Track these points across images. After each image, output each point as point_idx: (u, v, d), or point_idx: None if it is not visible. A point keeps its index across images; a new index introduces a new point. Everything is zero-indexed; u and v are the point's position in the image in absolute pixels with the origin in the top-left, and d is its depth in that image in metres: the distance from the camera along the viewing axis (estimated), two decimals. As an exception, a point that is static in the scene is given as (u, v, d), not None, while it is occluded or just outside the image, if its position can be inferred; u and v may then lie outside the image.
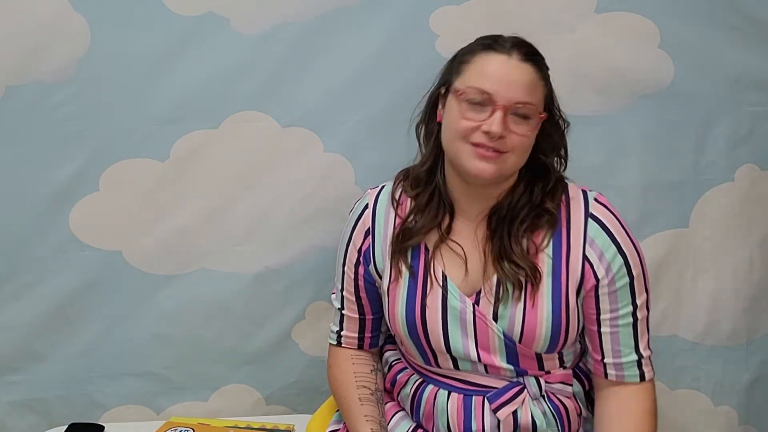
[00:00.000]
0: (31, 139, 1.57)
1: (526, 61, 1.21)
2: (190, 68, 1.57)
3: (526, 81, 1.20)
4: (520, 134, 1.20)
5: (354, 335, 1.42)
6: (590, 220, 1.25)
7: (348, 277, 1.39)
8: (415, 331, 1.29)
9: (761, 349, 1.77)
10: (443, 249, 1.29)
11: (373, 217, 1.36)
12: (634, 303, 1.25)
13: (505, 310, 1.24)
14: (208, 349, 1.70)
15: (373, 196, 1.39)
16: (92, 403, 1.71)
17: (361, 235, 1.37)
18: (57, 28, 1.53)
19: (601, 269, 1.23)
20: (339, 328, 1.43)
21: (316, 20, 1.57)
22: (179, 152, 1.60)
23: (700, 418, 1.79)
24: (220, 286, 1.67)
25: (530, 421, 1.27)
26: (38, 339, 1.66)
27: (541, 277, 1.23)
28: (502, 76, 1.18)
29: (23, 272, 1.63)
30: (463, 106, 1.20)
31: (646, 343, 1.27)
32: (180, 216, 1.64)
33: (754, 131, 1.68)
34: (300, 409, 1.73)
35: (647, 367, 1.27)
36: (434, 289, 1.28)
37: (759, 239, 1.72)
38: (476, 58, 1.23)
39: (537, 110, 1.21)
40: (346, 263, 1.39)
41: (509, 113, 1.18)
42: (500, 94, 1.18)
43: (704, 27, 1.61)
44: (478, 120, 1.19)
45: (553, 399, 1.30)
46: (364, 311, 1.40)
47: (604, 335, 1.26)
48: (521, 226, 1.25)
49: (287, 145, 1.62)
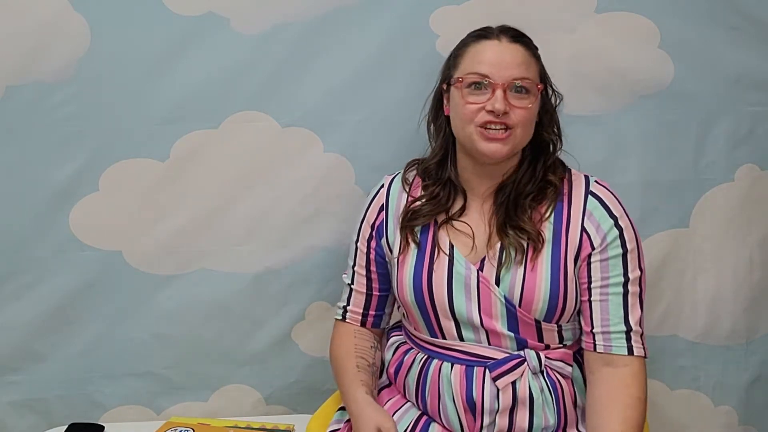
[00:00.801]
0: (31, 139, 1.57)
1: (515, 42, 1.32)
2: (190, 68, 1.57)
3: (519, 59, 1.30)
4: (522, 107, 1.29)
5: (359, 311, 1.47)
6: (590, 197, 1.33)
7: (360, 252, 1.45)
8: (421, 296, 1.35)
9: (761, 348, 1.78)
10: (449, 227, 1.38)
11: (387, 194, 1.45)
12: (626, 275, 1.30)
13: (507, 274, 1.30)
14: (208, 349, 1.70)
15: (389, 179, 1.48)
16: (92, 403, 1.71)
17: (375, 211, 1.45)
18: (57, 28, 1.53)
19: (597, 238, 1.30)
20: (346, 303, 1.48)
21: (316, 20, 1.57)
22: (179, 152, 1.60)
23: (700, 417, 1.79)
24: (220, 286, 1.67)
25: (528, 394, 1.31)
26: (38, 339, 1.66)
27: (543, 242, 1.31)
28: (495, 58, 1.29)
29: (23, 272, 1.63)
30: (464, 92, 1.30)
31: (638, 319, 1.30)
32: (180, 216, 1.64)
33: (754, 131, 1.68)
34: (300, 409, 1.73)
35: (637, 343, 1.29)
36: (441, 258, 1.35)
37: (759, 239, 1.73)
38: (469, 48, 1.34)
39: (534, 83, 1.31)
40: (359, 239, 1.45)
41: (509, 90, 1.28)
42: (497, 74, 1.28)
43: (704, 27, 1.61)
44: (481, 101, 1.29)
45: (552, 376, 1.33)
46: (372, 286, 1.46)
47: (593, 304, 1.30)
48: (527, 198, 1.33)
49: (287, 145, 1.62)
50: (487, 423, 1.31)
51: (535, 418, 1.31)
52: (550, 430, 1.33)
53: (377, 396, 1.45)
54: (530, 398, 1.31)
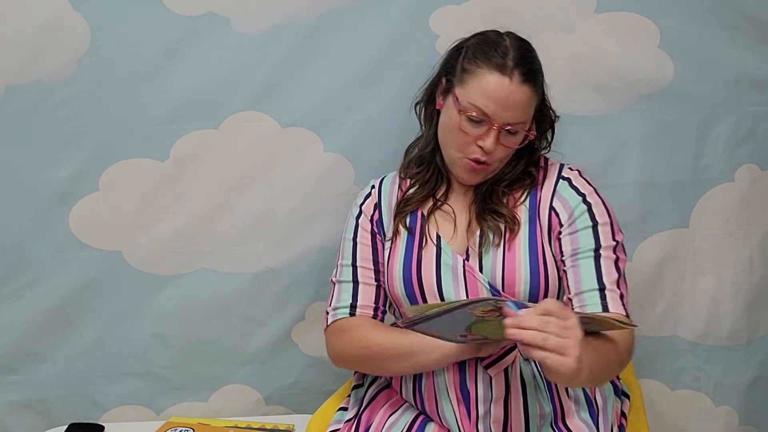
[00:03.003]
0: (31, 139, 1.57)
1: (526, 82, 1.28)
2: (190, 68, 1.57)
3: (523, 102, 1.29)
4: (507, 146, 1.32)
5: (371, 305, 1.41)
6: (561, 180, 1.37)
7: (363, 246, 1.42)
8: (411, 285, 1.35)
9: (761, 348, 1.78)
10: (437, 213, 1.40)
11: (379, 194, 1.46)
12: (597, 243, 1.30)
13: (487, 259, 1.33)
14: (208, 349, 1.70)
15: (377, 180, 1.49)
16: (92, 403, 1.71)
17: (371, 208, 1.45)
18: (57, 28, 1.53)
19: (565, 214, 1.33)
20: (353, 300, 1.40)
21: (315, 20, 1.57)
22: (179, 152, 1.60)
23: (700, 418, 1.79)
24: (220, 286, 1.67)
25: (520, 380, 1.31)
26: (38, 339, 1.66)
27: (519, 224, 1.34)
28: (502, 99, 1.27)
29: (23, 272, 1.63)
30: (462, 118, 1.30)
31: (614, 280, 1.28)
32: (180, 216, 1.64)
33: (754, 131, 1.68)
34: (300, 409, 1.73)
35: (613, 302, 1.26)
36: (429, 247, 1.36)
37: (759, 239, 1.72)
38: (480, 72, 1.29)
39: (526, 126, 1.32)
40: (359, 235, 1.43)
41: (502, 131, 1.30)
42: (498, 116, 1.28)
43: (704, 27, 1.61)
44: (475, 134, 1.30)
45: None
46: (381, 279, 1.41)
47: (567, 272, 1.30)
48: (501, 184, 1.37)
49: (287, 145, 1.62)
50: (483, 413, 1.30)
51: (530, 407, 1.31)
52: (548, 419, 1.33)
53: (377, 397, 1.44)
54: (522, 385, 1.31)
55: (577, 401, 1.36)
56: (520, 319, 1.02)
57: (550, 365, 1.01)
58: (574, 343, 1.01)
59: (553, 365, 1.00)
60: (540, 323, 1.01)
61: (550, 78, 1.37)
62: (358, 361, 1.41)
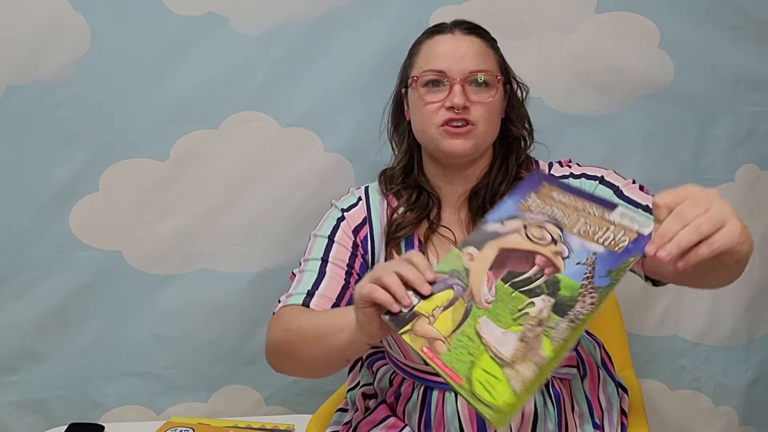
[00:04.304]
0: (31, 139, 1.58)
1: (470, 33, 1.26)
2: (190, 68, 1.57)
3: (475, 51, 1.24)
4: (482, 102, 1.23)
5: (331, 299, 1.22)
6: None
7: (341, 248, 1.28)
8: None
9: (762, 348, 1.77)
10: (434, 238, 1.28)
11: (368, 207, 1.32)
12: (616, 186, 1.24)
13: None
14: (208, 349, 1.70)
15: (362, 191, 1.35)
16: (92, 403, 1.71)
17: (357, 218, 1.30)
18: (57, 28, 1.53)
19: None
20: (312, 288, 1.23)
21: (315, 20, 1.57)
22: (179, 152, 1.60)
23: (700, 418, 1.79)
24: (220, 286, 1.67)
25: (533, 410, 1.24)
26: (38, 339, 1.66)
27: None
28: (450, 52, 1.23)
29: (23, 272, 1.63)
30: (422, 91, 1.24)
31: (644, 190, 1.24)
32: (180, 216, 1.64)
33: (754, 131, 1.68)
34: (300, 410, 1.73)
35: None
36: None
37: (759, 239, 1.72)
38: (422, 46, 1.28)
39: (493, 75, 1.25)
40: (337, 236, 1.28)
41: (467, 84, 1.22)
42: (453, 69, 1.22)
43: (704, 27, 1.61)
44: (440, 99, 1.23)
45: (556, 387, 1.27)
46: (351, 283, 1.25)
47: None
48: (498, 195, 1.25)
49: (287, 145, 1.62)
50: None
51: (538, 428, 1.24)
52: None
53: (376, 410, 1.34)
54: (535, 414, 1.24)
55: (581, 415, 1.31)
56: (659, 234, 0.82)
57: (722, 248, 0.82)
58: (722, 204, 0.84)
59: (724, 245, 0.82)
60: (679, 220, 0.82)
61: (550, 78, 1.37)
62: (281, 350, 1.20)
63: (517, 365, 0.80)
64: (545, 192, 0.91)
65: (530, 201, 0.91)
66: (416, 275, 0.91)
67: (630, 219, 0.86)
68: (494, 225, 0.91)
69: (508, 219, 0.91)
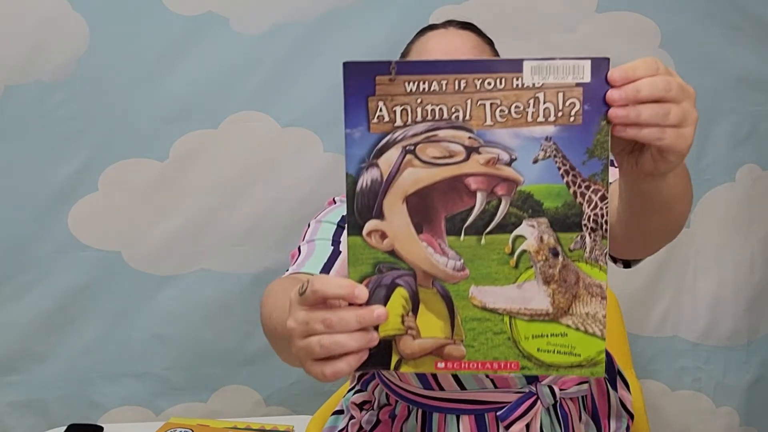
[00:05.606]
0: (30, 138, 1.57)
1: (464, 29, 1.20)
2: (190, 68, 1.57)
3: (471, 44, 1.17)
4: None
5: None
6: None
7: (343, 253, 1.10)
8: None
9: (762, 349, 1.77)
10: None
11: None
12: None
13: None
14: (208, 350, 1.70)
15: None
16: (92, 403, 1.71)
17: None
18: (57, 28, 1.53)
19: None
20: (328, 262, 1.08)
21: (316, 20, 1.57)
22: (179, 152, 1.60)
23: (701, 419, 1.79)
24: (220, 286, 1.67)
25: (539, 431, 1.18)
26: (38, 339, 1.66)
27: None
28: (443, 45, 1.17)
29: (23, 272, 1.63)
30: None
31: None
32: (180, 216, 1.64)
33: (755, 131, 1.68)
34: (299, 410, 1.73)
35: None
36: None
37: (760, 239, 1.72)
38: (415, 44, 1.22)
39: None
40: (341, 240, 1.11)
41: None
42: None
43: (705, 27, 1.61)
44: None
45: (564, 407, 1.22)
46: None
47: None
48: None
49: (287, 145, 1.62)
50: None
51: None
52: None
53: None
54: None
55: (587, 424, 1.26)
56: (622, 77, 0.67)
57: (667, 145, 0.69)
58: (691, 105, 0.70)
59: (670, 144, 0.69)
60: (651, 85, 0.68)
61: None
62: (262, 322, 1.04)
63: (575, 307, 0.63)
64: (392, 91, 0.63)
65: (380, 114, 0.62)
66: (349, 313, 0.68)
67: (554, 71, 0.64)
68: (366, 174, 0.64)
69: (374, 155, 0.65)
